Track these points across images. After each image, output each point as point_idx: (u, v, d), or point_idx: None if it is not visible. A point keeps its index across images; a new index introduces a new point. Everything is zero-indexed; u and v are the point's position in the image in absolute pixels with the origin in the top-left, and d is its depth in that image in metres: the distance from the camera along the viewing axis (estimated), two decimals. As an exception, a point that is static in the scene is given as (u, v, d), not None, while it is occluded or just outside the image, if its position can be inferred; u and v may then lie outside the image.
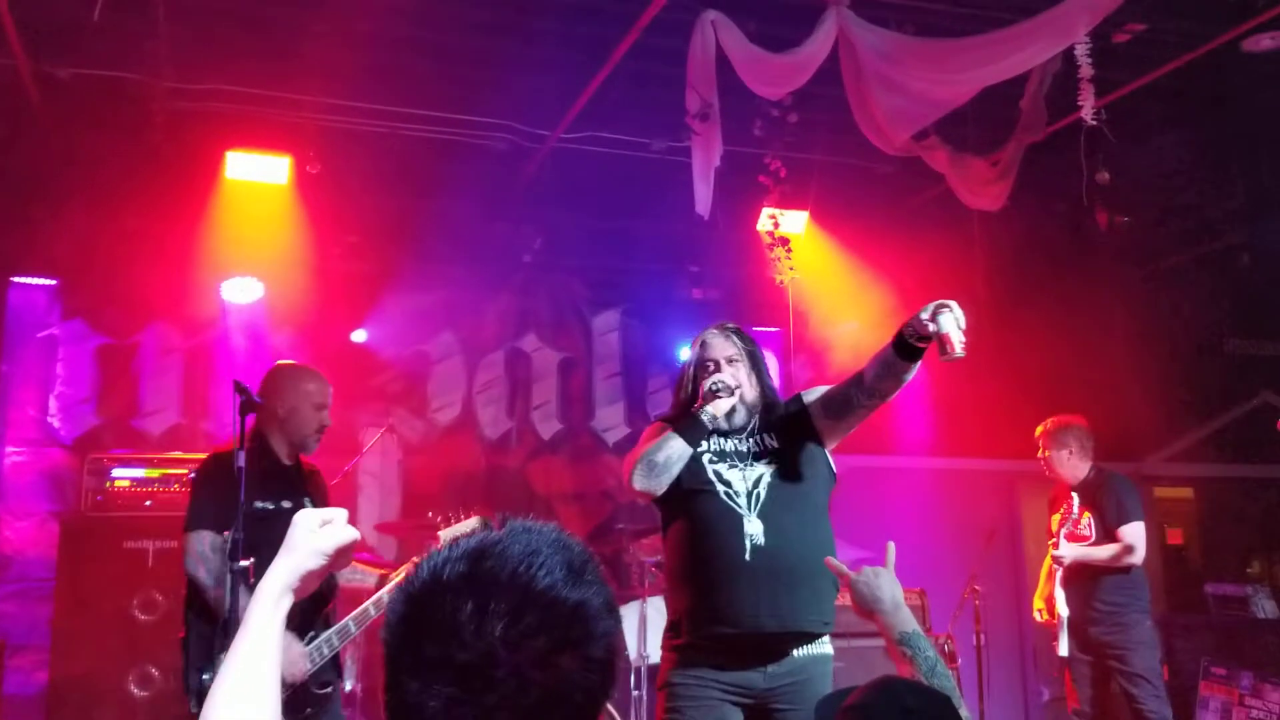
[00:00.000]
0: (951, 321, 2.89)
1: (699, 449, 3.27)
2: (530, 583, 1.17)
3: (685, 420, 3.28)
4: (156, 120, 5.82)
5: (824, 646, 3.26)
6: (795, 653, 3.19)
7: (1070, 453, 5.60)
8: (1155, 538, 9.29)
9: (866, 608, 2.18)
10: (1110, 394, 8.82)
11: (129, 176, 6.25)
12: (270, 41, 5.66)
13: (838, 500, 3.40)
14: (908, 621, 2.11)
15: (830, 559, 2.57)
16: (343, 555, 1.52)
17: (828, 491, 3.38)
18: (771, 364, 7.98)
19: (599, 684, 1.20)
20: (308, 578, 1.50)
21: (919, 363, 3.09)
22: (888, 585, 2.17)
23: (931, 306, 2.93)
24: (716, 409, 3.27)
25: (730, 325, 3.47)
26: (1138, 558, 5.36)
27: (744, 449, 3.30)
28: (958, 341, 2.88)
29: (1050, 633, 5.62)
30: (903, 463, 8.45)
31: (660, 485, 3.23)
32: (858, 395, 3.26)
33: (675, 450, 3.22)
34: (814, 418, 3.36)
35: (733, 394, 3.31)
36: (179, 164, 6.17)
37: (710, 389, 3.28)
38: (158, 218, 6.50)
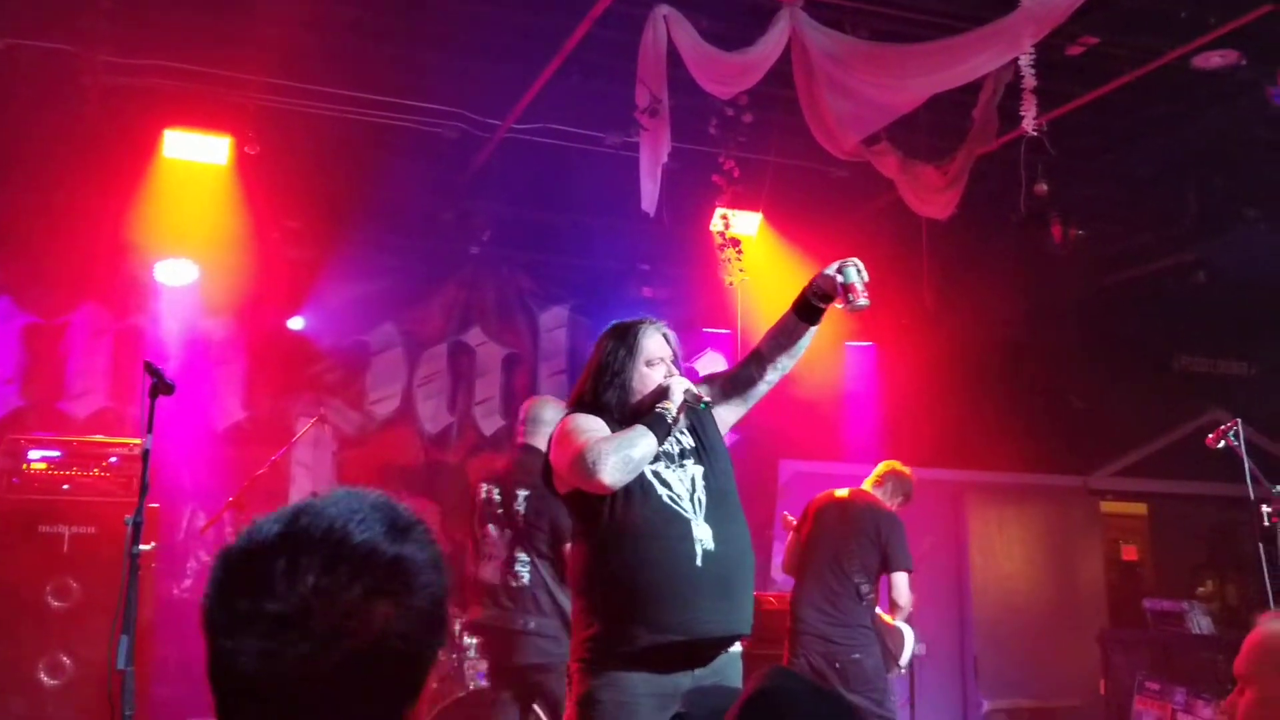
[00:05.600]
0: (855, 273, 3.05)
1: None
2: (346, 538, 1.16)
3: (653, 418, 3.10)
4: (92, 95, 5.68)
5: (738, 646, 3.22)
6: (722, 655, 3.13)
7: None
8: (1106, 553, 9.34)
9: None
10: (1059, 407, 8.88)
11: (62, 152, 6.10)
12: (213, 18, 5.54)
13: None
14: None
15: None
16: None
17: None
18: (720, 365, 7.97)
19: (420, 632, 1.19)
20: None
21: (816, 328, 3.18)
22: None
23: (836, 263, 3.08)
24: (680, 412, 3.14)
25: (662, 324, 3.39)
26: None
27: (672, 449, 3.19)
28: (862, 291, 3.04)
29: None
30: (851, 470, 8.42)
31: (626, 483, 3.05)
32: (757, 371, 3.28)
33: (650, 448, 3.05)
34: (715, 404, 3.30)
35: (700, 401, 3.20)
36: (114, 141, 6.03)
37: (691, 396, 3.14)
38: (91, 196, 6.34)
